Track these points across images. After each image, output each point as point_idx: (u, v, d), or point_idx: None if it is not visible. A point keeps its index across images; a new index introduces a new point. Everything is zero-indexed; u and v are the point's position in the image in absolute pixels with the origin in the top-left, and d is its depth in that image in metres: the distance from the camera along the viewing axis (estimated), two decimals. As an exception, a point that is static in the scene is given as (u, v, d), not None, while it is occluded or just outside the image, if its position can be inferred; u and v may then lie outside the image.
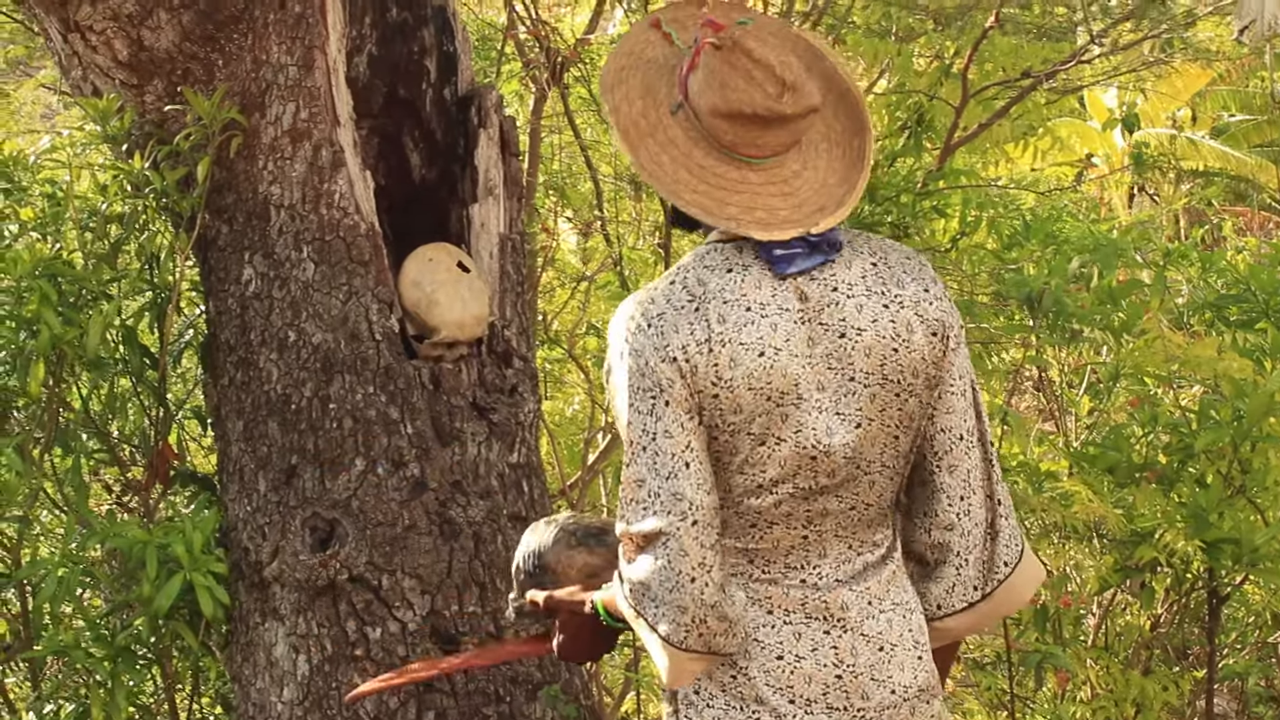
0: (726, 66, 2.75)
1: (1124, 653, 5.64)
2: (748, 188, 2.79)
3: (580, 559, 3.23)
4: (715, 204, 2.77)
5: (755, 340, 2.72)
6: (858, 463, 2.83)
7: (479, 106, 5.14)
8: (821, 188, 2.82)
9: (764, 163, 2.80)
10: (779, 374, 2.73)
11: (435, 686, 4.47)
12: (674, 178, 2.80)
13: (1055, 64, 7.76)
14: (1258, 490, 5.04)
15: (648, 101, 2.87)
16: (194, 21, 4.76)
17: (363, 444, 4.56)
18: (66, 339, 4.62)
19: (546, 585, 3.24)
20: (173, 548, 4.41)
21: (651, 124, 2.85)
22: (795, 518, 2.83)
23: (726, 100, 2.74)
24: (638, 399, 2.75)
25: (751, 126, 2.76)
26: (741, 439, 2.75)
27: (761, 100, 2.73)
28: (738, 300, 2.74)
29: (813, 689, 2.84)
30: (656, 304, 2.77)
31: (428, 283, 4.74)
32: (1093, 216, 11.68)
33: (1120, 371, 5.67)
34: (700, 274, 2.78)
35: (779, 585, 2.86)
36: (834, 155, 2.88)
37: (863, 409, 2.80)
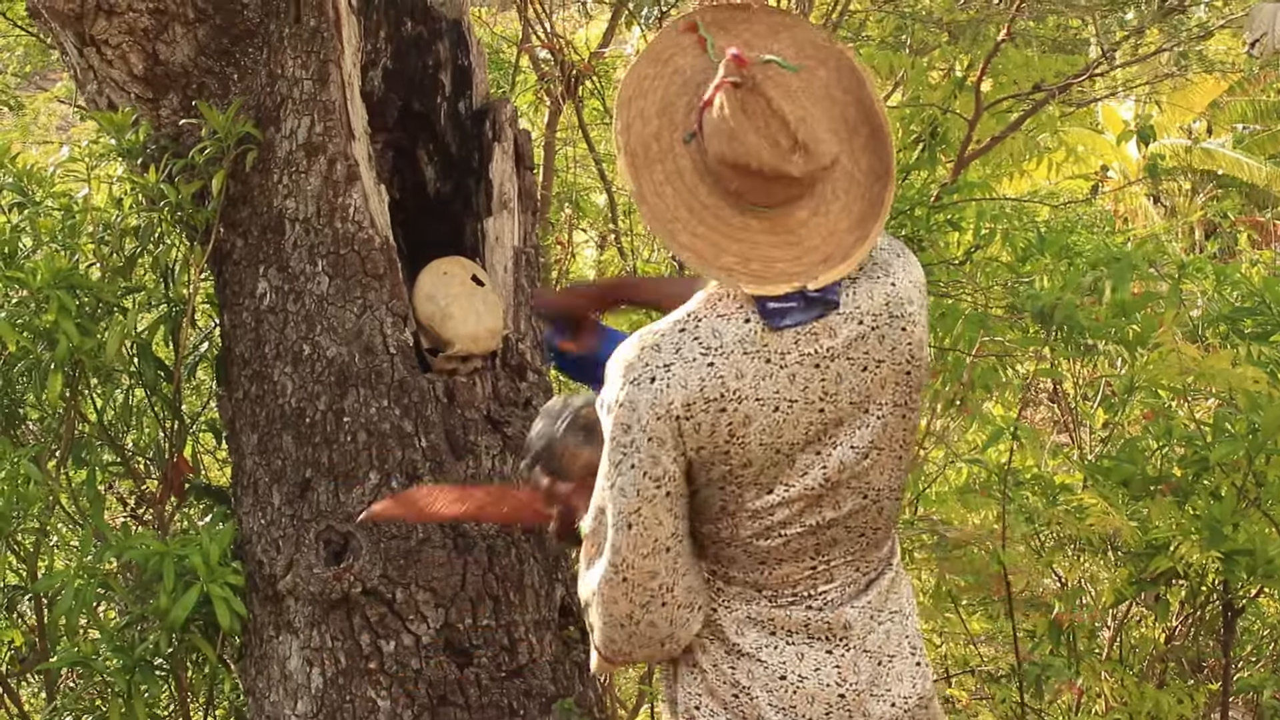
0: (741, 114, 2.62)
1: (1139, 665, 5.64)
2: (748, 235, 2.68)
3: (584, 455, 3.24)
4: (711, 250, 2.66)
5: (771, 395, 2.67)
6: (864, 492, 2.83)
7: (494, 120, 5.15)
8: (830, 236, 2.70)
9: (770, 211, 2.68)
10: (790, 426, 2.70)
11: (449, 700, 4.47)
12: (673, 215, 2.69)
13: (1069, 77, 7.76)
14: (1272, 503, 5.03)
15: (663, 122, 2.74)
16: (209, 36, 4.78)
17: (377, 457, 4.57)
18: (84, 349, 4.63)
19: (552, 467, 3.28)
20: (189, 559, 4.41)
21: (663, 149, 2.73)
22: (804, 553, 2.83)
23: (734, 151, 2.63)
24: (613, 446, 2.74)
25: (757, 180, 2.64)
26: (749, 489, 2.74)
27: (769, 158, 2.61)
28: (758, 352, 2.67)
29: (815, 709, 2.84)
30: (663, 353, 2.69)
31: (442, 296, 4.75)
32: (1108, 229, 11.68)
33: (1135, 384, 5.67)
34: (714, 325, 2.70)
35: (784, 610, 2.86)
36: (852, 197, 2.73)
37: (874, 440, 2.79)
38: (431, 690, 4.46)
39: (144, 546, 4.45)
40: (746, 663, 2.84)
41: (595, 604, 2.81)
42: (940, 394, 6.34)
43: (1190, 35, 10.64)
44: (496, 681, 4.54)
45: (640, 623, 2.77)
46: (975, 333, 5.90)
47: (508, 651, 4.58)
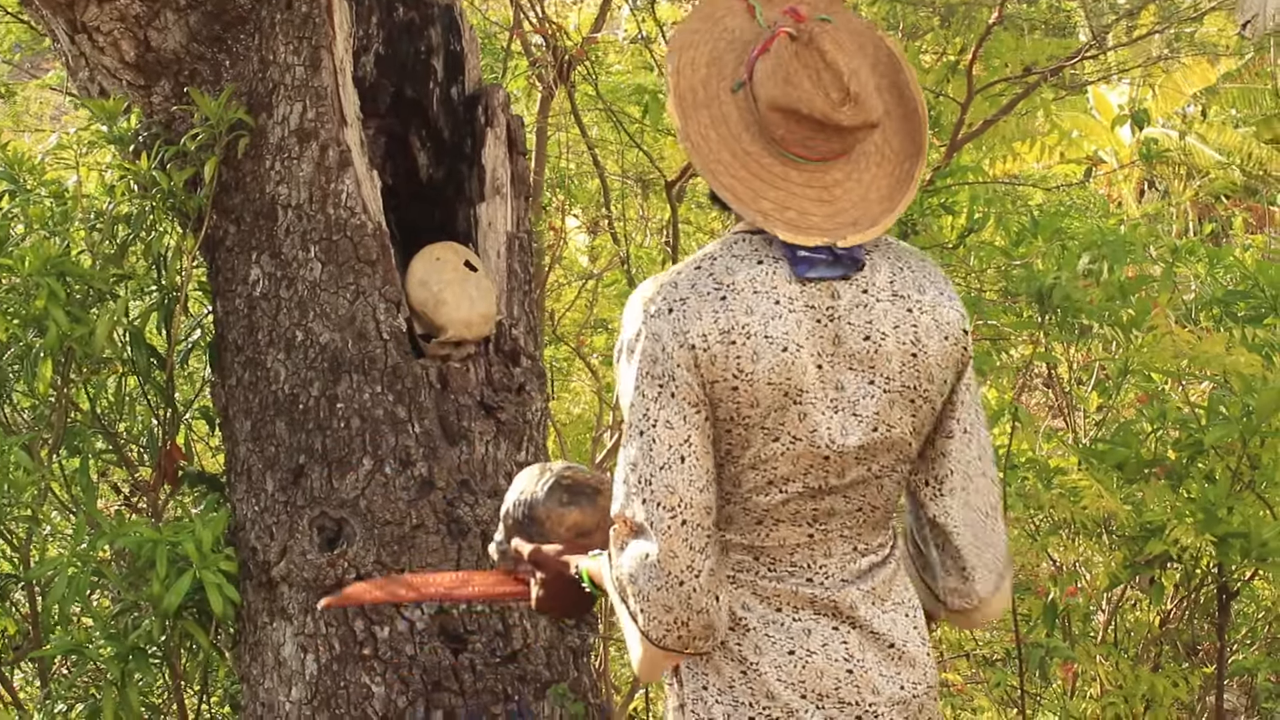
0: (796, 61, 2.71)
1: (1133, 649, 5.64)
2: (786, 185, 2.76)
3: (571, 517, 3.22)
4: (750, 194, 2.74)
5: (780, 335, 2.70)
6: (868, 465, 2.83)
7: (486, 105, 5.14)
8: (861, 201, 2.79)
9: (809, 164, 2.76)
10: (799, 371, 2.72)
11: (444, 686, 4.47)
12: (716, 157, 2.77)
13: (1060, 60, 7.76)
14: (1267, 485, 5.03)
15: (711, 71, 2.82)
16: (201, 22, 4.77)
17: (370, 443, 4.56)
18: (74, 337, 4.62)
19: (533, 536, 3.22)
20: (182, 546, 4.41)
21: (710, 95, 2.81)
22: (802, 516, 2.82)
23: (787, 96, 2.71)
24: (645, 383, 2.73)
25: (805, 128, 2.72)
26: (755, 433, 2.74)
27: (822, 105, 2.69)
28: (767, 293, 2.72)
29: (824, 683, 2.83)
30: (680, 288, 2.74)
31: (435, 282, 4.74)
32: (1103, 212, 11.67)
33: (1129, 367, 5.67)
34: (729, 263, 2.75)
35: (785, 583, 2.85)
36: (882, 171, 2.83)
37: (879, 413, 2.79)
38: (426, 676, 4.46)
39: (137, 534, 4.45)
40: (753, 637, 2.83)
41: (642, 577, 2.73)
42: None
43: (1182, 17, 10.63)
44: (491, 667, 4.54)
45: (700, 573, 2.72)
46: (969, 316, 5.90)
47: (502, 637, 4.59)
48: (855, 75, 2.71)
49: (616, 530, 2.79)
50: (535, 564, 3.16)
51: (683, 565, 2.71)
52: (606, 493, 3.23)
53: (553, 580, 3.12)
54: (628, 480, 2.75)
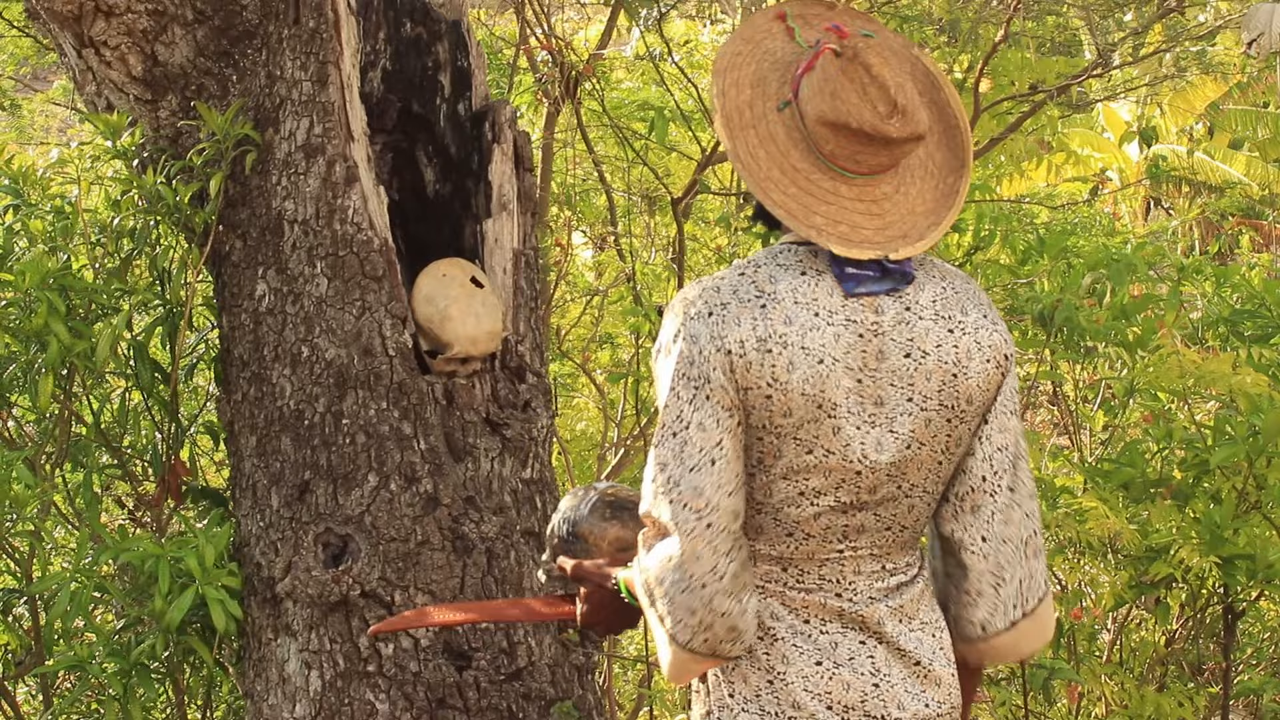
0: (842, 76, 2.75)
1: (1139, 669, 5.63)
2: (837, 200, 2.78)
3: (613, 531, 3.26)
4: (802, 210, 2.77)
5: (817, 347, 2.72)
6: (899, 483, 2.84)
7: (493, 121, 5.14)
8: (909, 215, 2.82)
9: (858, 179, 2.79)
10: (833, 385, 2.73)
11: (448, 703, 4.46)
12: (766, 174, 2.79)
13: (1067, 78, 7.76)
14: (1273, 506, 5.03)
15: (756, 92, 2.86)
16: (208, 37, 4.77)
17: (375, 460, 4.56)
18: (76, 351, 4.62)
19: (578, 553, 3.26)
20: (185, 562, 4.40)
21: (756, 116, 2.84)
22: (832, 531, 2.83)
23: (835, 110, 2.74)
24: (681, 384, 2.75)
25: (854, 141, 2.75)
26: (787, 443, 2.75)
27: (870, 117, 2.72)
28: (808, 304, 2.74)
29: (850, 696, 2.84)
30: (722, 293, 2.76)
31: (441, 298, 4.74)
32: (1108, 230, 11.67)
33: (1135, 387, 5.67)
34: (773, 271, 2.78)
35: (814, 595, 2.86)
36: (927, 186, 2.86)
37: (915, 431, 2.81)
38: (430, 693, 4.45)
39: (140, 549, 4.44)
40: (781, 647, 2.83)
41: (670, 578, 2.74)
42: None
43: (1189, 36, 10.64)
44: (495, 684, 4.53)
45: (724, 577, 2.73)
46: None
47: (506, 654, 4.58)
48: (901, 88, 2.74)
49: (645, 532, 2.81)
50: (578, 579, 3.19)
51: (706, 568, 2.72)
52: None
53: (595, 593, 3.16)
54: (656, 479, 2.76)
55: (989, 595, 2.93)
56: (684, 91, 8.77)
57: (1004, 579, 2.93)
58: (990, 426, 2.89)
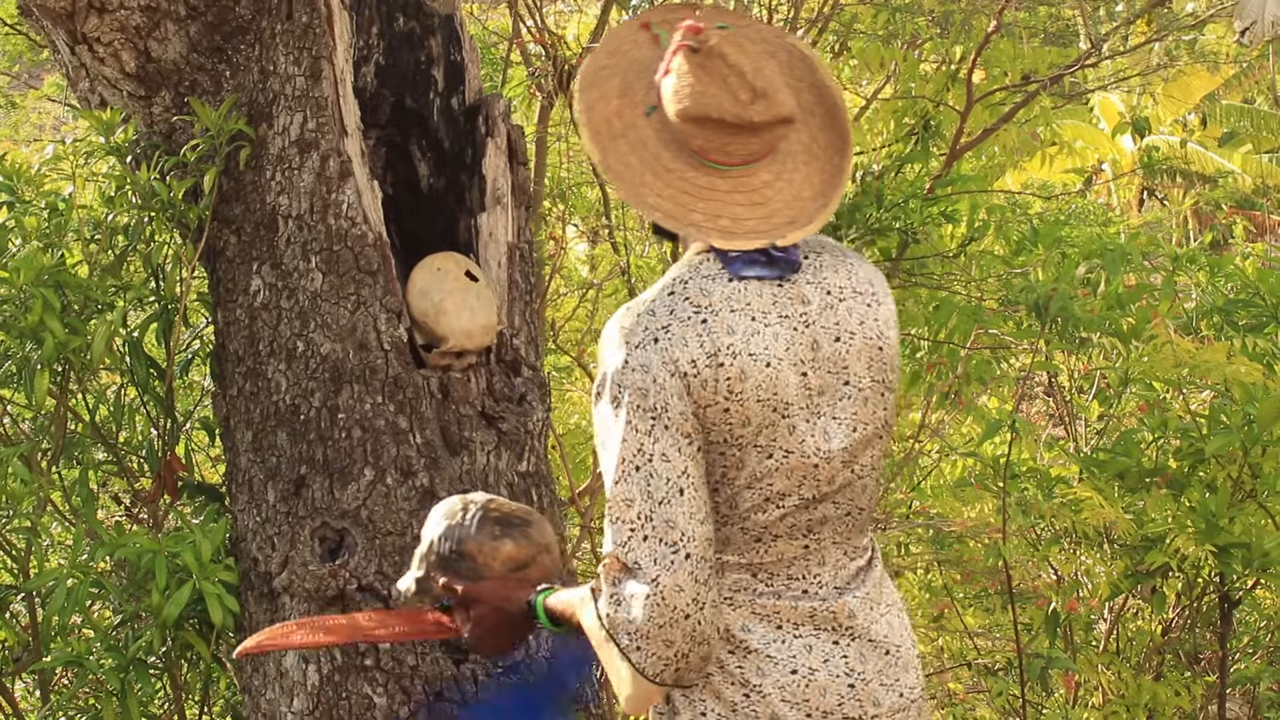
0: (700, 70, 2.75)
1: (1135, 658, 5.64)
2: (714, 195, 2.77)
3: (505, 550, 3.19)
4: (679, 209, 2.76)
5: (762, 351, 2.72)
6: (852, 467, 2.86)
7: (486, 115, 5.13)
8: (794, 200, 2.81)
9: (732, 170, 2.79)
10: (783, 384, 2.74)
11: (446, 696, 4.46)
12: (640, 180, 2.78)
13: (1060, 68, 7.76)
14: (1268, 495, 5.04)
15: (624, 101, 2.85)
16: (201, 33, 4.77)
17: (371, 454, 4.56)
18: (71, 348, 4.61)
19: (463, 572, 3.19)
20: (182, 557, 4.40)
21: (625, 124, 2.83)
22: (797, 529, 2.84)
23: (696, 104, 2.74)
24: (636, 417, 2.69)
25: (720, 132, 2.75)
26: (749, 453, 2.75)
27: (730, 106, 2.72)
28: (743, 310, 2.73)
29: (828, 700, 2.84)
30: (659, 316, 2.73)
31: (436, 292, 4.74)
32: (1102, 220, 11.67)
33: (1129, 377, 5.67)
34: (701, 284, 2.76)
35: (783, 599, 2.85)
36: (812, 169, 2.86)
37: (857, 413, 2.83)
38: (428, 686, 4.45)
39: (136, 544, 4.44)
40: (755, 659, 2.82)
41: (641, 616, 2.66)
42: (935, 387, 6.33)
43: (1181, 26, 10.64)
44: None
45: (705, 605, 2.69)
46: (970, 325, 5.91)
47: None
48: (760, 73, 2.75)
49: (607, 567, 2.73)
50: (470, 601, 3.16)
51: (688, 599, 2.68)
52: (536, 524, 3.25)
53: (490, 616, 3.15)
54: (623, 519, 2.70)
55: None
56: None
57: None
58: None
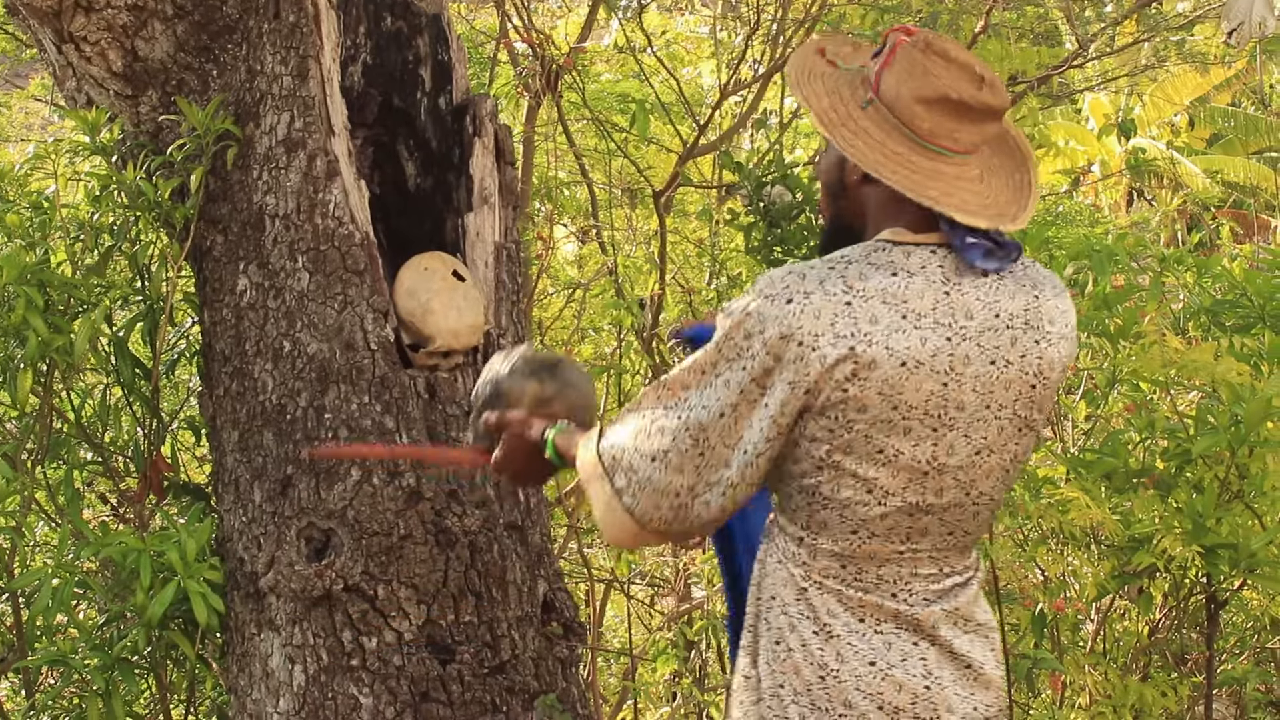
0: (925, 58, 2.82)
1: (1122, 659, 5.63)
2: (942, 177, 2.83)
3: (532, 388, 3.39)
4: (916, 185, 2.81)
5: (902, 349, 2.74)
6: (968, 489, 2.87)
7: (474, 115, 5.13)
8: (998, 200, 2.88)
9: (954, 158, 2.85)
10: (913, 389, 2.75)
11: (432, 696, 4.46)
12: (874, 160, 2.84)
13: (1047, 69, 7.77)
14: (1255, 495, 5.03)
15: (834, 99, 2.92)
16: (188, 32, 4.76)
17: (359, 453, 4.56)
18: (55, 346, 4.61)
19: (499, 408, 3.40)
20: (167, 556, 4.40)
21: (841, 116, 2.90)
22: (896, 532, 2.86)
23: (931, 85, 2.80)
24: (727, 345, 2.81)
25: (953, 115, 2.82)
26: (859, 440, 2.78)
27: (965, 88, 2.80)
28: (896, 305, 2.76)
29: (901, 697, 2.87)
30: (807, 280, 2.79)
31: (423, 291, 4.73)
32: (1090, 221, 11.68)
33: (1117, 377, 5.67)
34: (863, 269, 2.80)
35: (870, 595, 2.89)
36: (1001, 180, 2.93)
37: (988, 438, 2.85)
38: (414, 687, 4.45)
39: (121, 544, 4.44)
40: (836, 645, 2.87)
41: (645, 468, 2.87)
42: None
43: (1168, 27, 10.65)
44: (479, 678, 4.53)
45: (697, 498, 2.85)
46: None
47: (490, 648, 4.58)
48: (982, 64, 2.85)
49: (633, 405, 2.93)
50: (499, 428, 3.33)
51: (685, 484, 2.85)
52: (565, 365, 3.46)
53: (511, 439, 3.30)
54: (674, 389, 2.87)
55: None
56: (664, 84, 8.76)
57: None
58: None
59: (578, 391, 3.44)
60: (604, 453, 2.94)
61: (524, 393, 3.39)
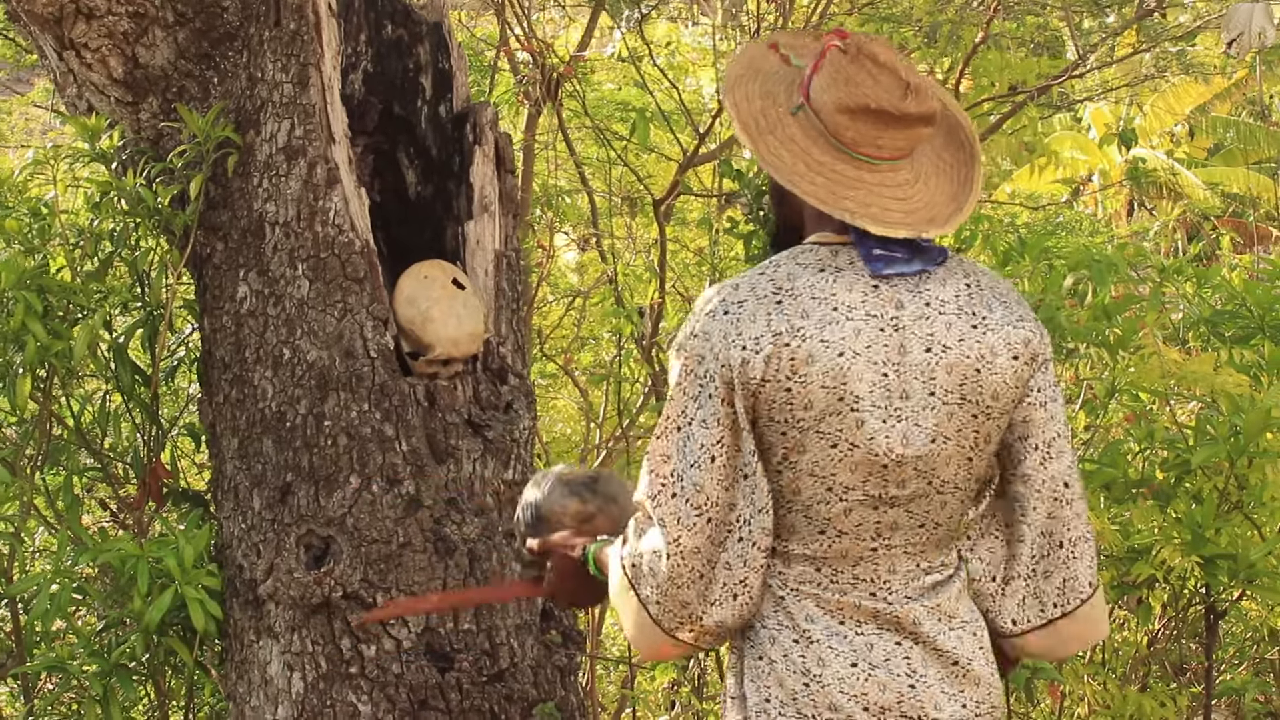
0: (853, 66, 2.82)
1: (1121, 669, 5.63)
2: (863, 186, 2.83)
3: (573, 506, 3.35)
4: (832, 196, 2.82)
5: (837, 340, 2.76)
6: (929, 478, 2.86)
7: (474, 123, 5.13)
8: (931, 203, 2.88)
9: (879, 165, 2.85)
10: (855, 378, 2.76)
11: (430, 704, 4.46)
12: (792, 169, 2.85)
13: (1047, 79, 7.77)
14: (1254, 506, 5.03)
15: (767, 102, 2.93)
16: (189, 39, 4.76)
17: (357, 461, 4.55)
18: (54, 352, 4.61)
19: (543, 534, 3.35)
20: (164, 562, 4.40)
21: (771, 122, 2.91)
22: (864, 528, 2.86)
23: (852, 95, 2.81)
24: (687, 381, 2.81)
25: (875, 124, 2.82)
26: (810, 437, 2.78)
27: (887, 97, 2.80)
28: (825, 299, 2.78)
29: (887, 697, 2.86)
30: (740, 291, 2.82)
31: (423, 300, 4.73)
32: (1091, 230, 11.67)
33: (1116, 387, 5.67)
34: (791, 269, 2.83)
35: (849, 595, 2.88)
36: (943, 179, 2.93)
37: (940, 425, 2.84)
38: (412, 695, 4.45)
39: (119, 550, 4.44)
40: (817, 650, 2.86)
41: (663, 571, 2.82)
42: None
43: (1169, 37, 10.66)
44: (478, 686, 4.53)
45: (717, 565, 2.81)
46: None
47: (489, 656, 4.58)
48: (910, 70, 2.84)
49: (638, 517, 2.88)
50: (545, 552, 3.29)
51: (704, 559, 2.81)
52: (604, 480, 3.41)
53: (560, 562, 3.25)
54: (657, 472, 2.83)
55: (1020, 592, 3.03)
56: (664, 93, 8.77)
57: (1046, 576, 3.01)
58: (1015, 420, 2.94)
59: (619, 506, 3.39)
60: (625, 561, 2.91)
61: (565, 511, 3.35)
